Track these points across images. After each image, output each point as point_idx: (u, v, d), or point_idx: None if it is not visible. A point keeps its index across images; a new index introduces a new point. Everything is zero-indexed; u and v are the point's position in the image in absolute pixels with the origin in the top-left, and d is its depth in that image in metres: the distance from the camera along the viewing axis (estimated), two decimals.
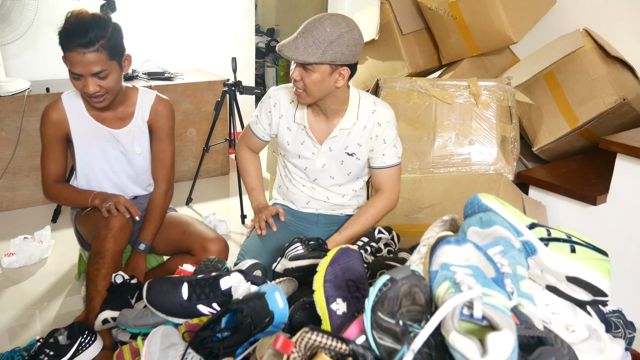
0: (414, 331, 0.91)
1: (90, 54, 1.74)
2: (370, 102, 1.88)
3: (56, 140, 1.97)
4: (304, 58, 1.64)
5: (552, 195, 2.32)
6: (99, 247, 1.82)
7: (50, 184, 2.01)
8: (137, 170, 2.09)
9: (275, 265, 1.68)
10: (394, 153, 1.91)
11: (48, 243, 2.72)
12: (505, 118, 2.35)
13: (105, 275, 1.79)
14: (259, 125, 1.99)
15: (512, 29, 2.60)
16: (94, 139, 1.99)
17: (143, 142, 2.06)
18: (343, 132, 1.87)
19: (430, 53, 3.01)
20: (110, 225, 1.84)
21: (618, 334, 1.30)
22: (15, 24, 3.04)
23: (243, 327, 1.23)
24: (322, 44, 1.62)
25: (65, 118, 1.95)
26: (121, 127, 2.01)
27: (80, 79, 1.79)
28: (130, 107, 2.01)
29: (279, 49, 1.68)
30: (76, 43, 1.72)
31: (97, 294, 1.77)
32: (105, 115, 1.98)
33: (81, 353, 1.66)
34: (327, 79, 1.70)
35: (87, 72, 1.77)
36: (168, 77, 3.71)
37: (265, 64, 6.49)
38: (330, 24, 1.63)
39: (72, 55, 1.74)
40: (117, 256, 1.84)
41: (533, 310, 0.98)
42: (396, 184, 1.95)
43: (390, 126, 1.88)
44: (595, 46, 2.48)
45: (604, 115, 2.39)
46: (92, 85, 1.80)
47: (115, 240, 1.83)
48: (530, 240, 1.11)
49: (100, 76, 1.79)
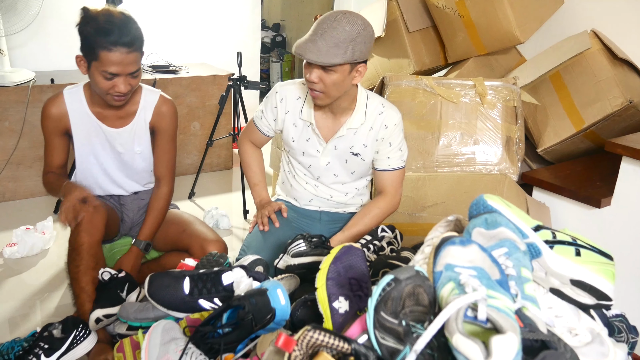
0: (417, 332, 0.91)
1: (131, 54, 1.72)
2: (378, 104, 1.86)
3: (55, 134, 1.95)
4: (328, 60, 1.61)
5: (556, 197, 2.31)
6: (73, 243, 1.79)
7: (46, 173, 1.99)
8: (136, 169, 2.06)
9: (278, 262, 1.68)
10: (399, 156, 1.90)
11: (50, 234, 2.72)
12: (510, 118, 2.34)
13: (85, 270, 1.75)
14: (263, 120, 1.97)
15: (519, 29, 2.59)
16: (94, 137, 1.97)
17: (143, 142, 2.02)
18: (350, 132, 1.86)
19: (436, 51, 2.99)
20: (83, 219, 1.79)
21: (621, 339, 1.30)
22: (20, 14, 3.04)
23: (244, 324, 1.23)
24: (343, 44, 1.61)
25: (65, 113, 1.92)
26: (122, 126, 1.97)
27: (113, 79, 1.75)
28: (133, 105, 1.97)
29: (300, 53, 1.63)
30: (119, 42, 1.68)
31: (82, 291, 1.75)
32: (107, 113, 1.95)
33: (75, 347, 1.66)
34: (346, 78, 1.69)
35: (124, 71, 1.74)
36: (173, 71, 3.70)
37: (270, 59, 6.48)
38: (348, 23, 1.61)
39: (111, 55, 1.69)
40: (93, 248, 1.78)
41: (537, 313, 0.98)
42: (399, 187, 1.94)
43: (398, 129, 1.86)
44: (602, 48, 2.47)
45: (610, 117, 2.37)
46: (124, 85, 1.77)
47: (87, 233, 1.78)
48: (535, 242, 1.11)
49: (134, 75, 1.78)
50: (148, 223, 2.03)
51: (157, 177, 2.09)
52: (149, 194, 2.14)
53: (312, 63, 1.64)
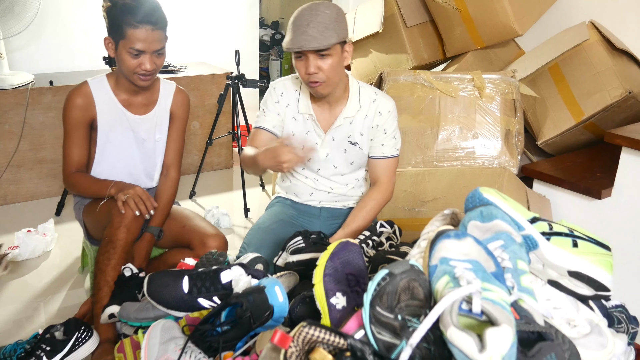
0: (412, 326, 0.90)
1: (157, 31, 1.81)
2: (371, 92, 1.89)
3: (81, 126, 1.95)
4: (327, 42, 1.66)
5: (557, 189, 2.30)
6: (110, 235, 1.80)
7: (70, 171, 1.97)
8: (154, 159, 2.10)
9: (277, 259, 1.68)
10: (392, 144, 1.91)
11: (52, 236, 2.72)
12: (509, 111, 2.33)
13: (115, 266, 1.78)
14: (267, 117, 1.91)
15: (517, 22, 2.58)
16: (119, 125, 2.00)
17: (163, 129, 2.09)
18: (346, 121, 1.87)
19: (434, 46, 2.99)
20: (125, 214, 1.82)
21: (621, 329, 1.29)
22: (18, 16, 3.04)
23: (243, 321, 1.23)
24: (331, 25, 1.67)
25: (92, 102, 1.94)
26: (145, 112, 2.04)
27: (139, 56, 1.82)
28: (155, 93, 2.06)
29: (293, 47, 1.67)
30: (145, 20, 1.77)
31: (106, 284, 1.76)
32: (133, 100, 2.01)
33: (77, 348, 1.67)
34: (340, 59, 1.74)
35: (150, 48, 1.82)
36: (172, 70, 3.70)
37: (270, 57, 6.47)
38: (325, 7, 1.69)
39: (137, 32, 1.78)
40: (128, 246, 1.83)
41: (533, 305, 0.97)
42: (392, 176, 1.94)
43: (392, 116, 1.89)
44: (601, 39, 2.46)
45: (610, 108, 2.36)
46: (149, 63, 1.84)
47: (127, 229, 1.81)
48: (531, 234, 1.10)
49: (159, 53, 1.86)
50: (159, 209, 2.03)
51: (167, 164, 2.13)
52: (153, 192, 2.14)
53: (309, 53, 1.68)
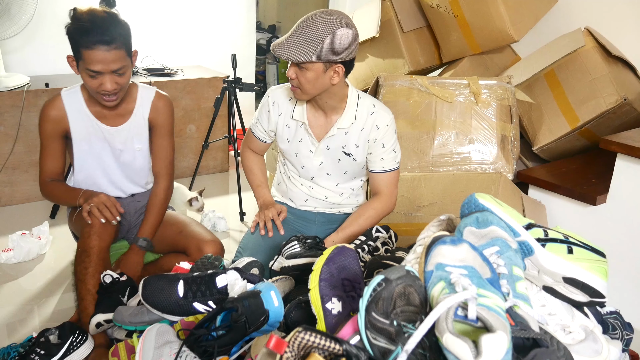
0: (408, 332, 0.90)
1: (112, 51, 1.73)
2: (370, 104, 1.86)
3: (54, 138, 1.95)
4: (295, 57, 1.64)
5: (552, 195, 2.31)
6: (83, 245, 1.80)
7: (46, 181, 1.99)
8: (135, 168, 2.07)
9: (273, 263, 1.68)
10: (392, 158, 1.89)
11: (46, 239, 2.71)
12: (505, 117, 2.34)
13: (94, 274, 1.77)
14: (258, 127, 1.99)
15: (513, 28, 2.59)
16: (93, 136, 1.98)
17: (143, 139, 2.04)
18: (341, 132, 1.86)
19: (431, 51, 3.00)
20: (93, 222, 1.82)
21: (615, 336, 1.29)
22: (14, 18, 3.03)
23: (238, 326, 1.23)
24: (314, 43, 1.62)
25: (64, 115, 1.93)
26: (121, 123, 1.99)
27: (97, 77, 1.77)
28: (130, 103, 1.99)
29: (272, 49, 1.68)
30: (99, 40, 1.70)
31: (88, 293, 1.76)
32: (106, 112, 1.96)
33: (72, 352, 1.66)
34: (321, 77, 1.69)
35: (107, 69, 1.75)
36: (168, 73, 3.70)
37: (267, 61, 6.47)
38: (322, 22, 1.62)
39: (92, 53, 1.72)
40: (102, 252, 1.82)
41: (529, 311, 0.97)
42: (394, 188, 1.94)
43: (390, 130, 1.86)
44: (596, 45, 2.47)
45: (605, 115, 2.37)
46: (110, 83, 1.78)
47: (99, 236, 1.81)
48: (527, 240, 1.11)
49: (119, 73, 1.79)
50: (148, 220, 2.04)
51: (155, 174, 2.11)
52: (145, 196, 2.14)
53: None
